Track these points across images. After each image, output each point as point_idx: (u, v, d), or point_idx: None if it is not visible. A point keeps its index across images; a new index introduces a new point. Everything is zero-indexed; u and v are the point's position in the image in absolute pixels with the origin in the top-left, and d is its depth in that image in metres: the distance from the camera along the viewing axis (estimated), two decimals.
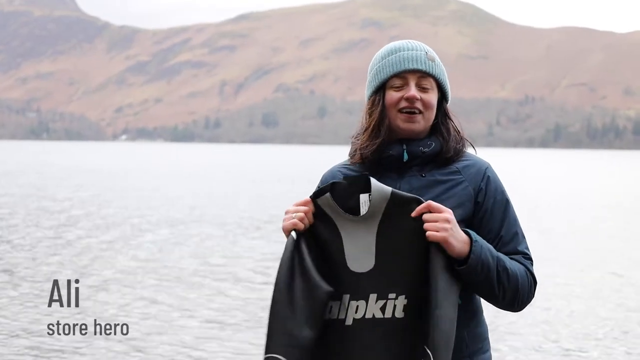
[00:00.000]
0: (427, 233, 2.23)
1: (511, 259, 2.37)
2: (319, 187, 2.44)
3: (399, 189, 2.38)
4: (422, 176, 2.44)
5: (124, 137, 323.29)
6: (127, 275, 12.06)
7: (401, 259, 2.27)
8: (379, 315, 2.26)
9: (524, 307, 2.38)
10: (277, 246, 15.45)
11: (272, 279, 2.49)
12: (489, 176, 2.45)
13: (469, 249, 2.26)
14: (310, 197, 2.33)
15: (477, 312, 2.47)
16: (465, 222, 2.38)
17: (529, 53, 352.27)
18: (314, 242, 2.31)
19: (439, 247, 2.24)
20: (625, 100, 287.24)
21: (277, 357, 2.20)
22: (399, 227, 2.28)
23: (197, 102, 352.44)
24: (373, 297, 2.26)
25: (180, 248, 15.31)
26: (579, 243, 17.70)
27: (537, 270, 2.43)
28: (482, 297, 2.39)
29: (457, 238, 2.25)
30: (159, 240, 16.43)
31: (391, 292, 2.26)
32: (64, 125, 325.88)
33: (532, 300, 2.39)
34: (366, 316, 2.26)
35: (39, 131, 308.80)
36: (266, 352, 2.23)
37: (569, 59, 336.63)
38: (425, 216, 2.25)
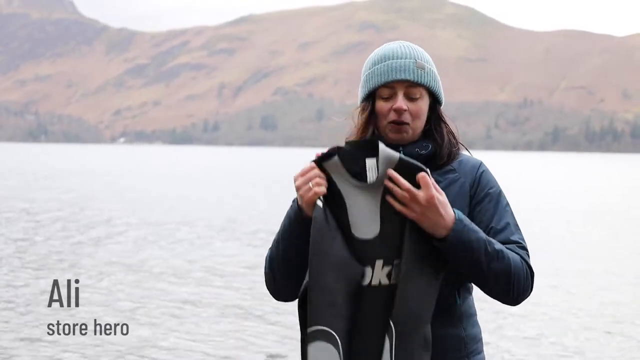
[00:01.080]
0: (395, 203, 2.21)
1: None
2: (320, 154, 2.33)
3: None
4: None
5: (122, 139, 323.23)
6: (127, 275, 12.10)
7: (405, 225, 2.22)
8: (385, 281, 2.23)
9: (520, 299, 2.34)
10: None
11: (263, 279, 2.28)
12: (483, 170, 2.46)
13: (451, 228, 2.23)
14: (314, 161, 2.25)
15: (474, 313, 2.47)
16: None
17: (527, 56, 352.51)
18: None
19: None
20: (623, 103, 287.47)
21: (323, 329, 2.16)
22: None
23: (196, 105, 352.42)
24: (379, 263, 2.23)
25: (181, 249, 15.35)
26: (576, 245, 17.75)
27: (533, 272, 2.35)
28: (474, 283, 2.36)
29: (432, 219, 2.20)
30: (159, 240, 16.46)
31: (396, 258, 2.22)
32: (62, 128, 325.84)
33: (530, 294, 2.34)
34: (372, 283, 2.23)
35: (37, 133, 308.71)
36: (310, 325, 2.18)
37: (567, 62, 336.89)
38: (403, 184, 2.20)
